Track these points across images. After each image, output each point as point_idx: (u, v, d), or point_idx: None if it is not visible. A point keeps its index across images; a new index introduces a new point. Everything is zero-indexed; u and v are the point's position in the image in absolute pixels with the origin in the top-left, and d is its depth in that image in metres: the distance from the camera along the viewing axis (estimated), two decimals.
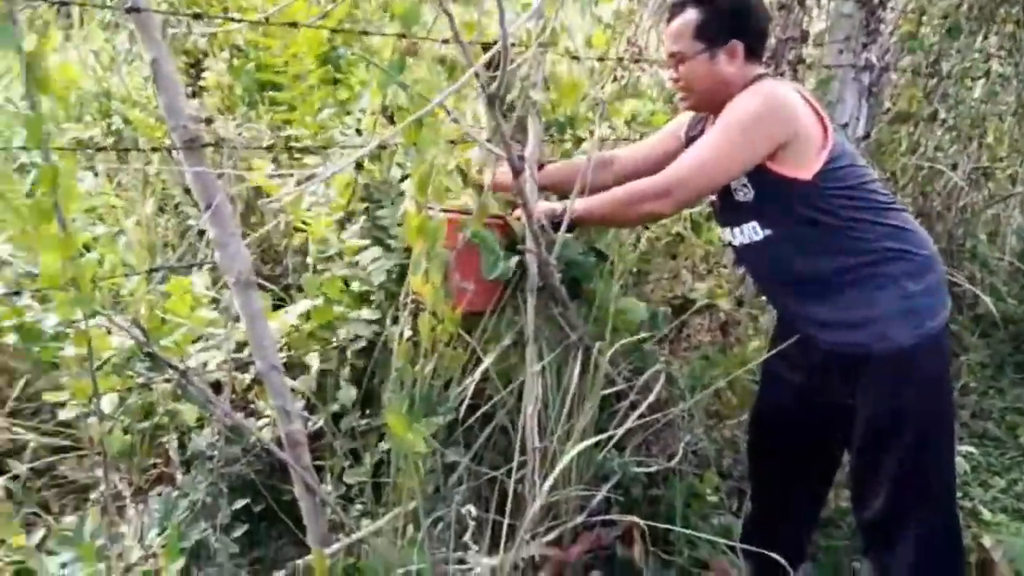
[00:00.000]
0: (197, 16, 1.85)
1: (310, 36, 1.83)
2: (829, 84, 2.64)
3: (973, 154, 3.54)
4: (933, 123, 3.32)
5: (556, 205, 1.72)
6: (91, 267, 1.12)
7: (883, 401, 1.73)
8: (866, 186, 1.68)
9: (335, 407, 2.00)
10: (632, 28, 2.66)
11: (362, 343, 1.98)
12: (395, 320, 1.92)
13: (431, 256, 1.61)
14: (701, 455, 2.26)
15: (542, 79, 1.69)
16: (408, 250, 1.96)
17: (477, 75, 1.25)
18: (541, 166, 1.80)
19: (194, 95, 3.06)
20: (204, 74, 3.05)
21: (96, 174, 2.59)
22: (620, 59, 2.34)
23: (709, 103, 1.75)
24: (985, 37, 3.43)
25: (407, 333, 1.68)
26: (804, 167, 1.62)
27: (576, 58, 2.03)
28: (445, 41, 1.62)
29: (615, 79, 2.60)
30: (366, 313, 1.96)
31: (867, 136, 2.84)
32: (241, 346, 1.79)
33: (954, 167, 3.44)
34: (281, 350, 1.77)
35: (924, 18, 3.10)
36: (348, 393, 1.99)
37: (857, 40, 2.63)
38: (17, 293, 1.35)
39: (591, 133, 2.48)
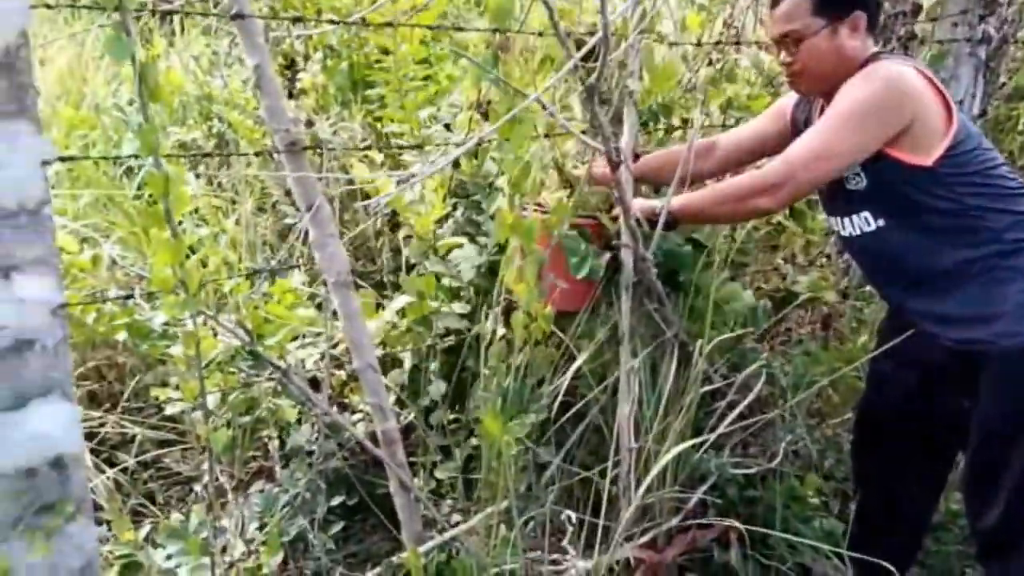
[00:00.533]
0: (297, 20, 1.88)
1: (406, 34, 1.83)
2: (943, 60, 2.48)
3: None
4: None
5: (655, 202, 1.67)
6: (199, 272, 1.14)
7: (1005, 403, 1.61)
8: (993, 171, 1.55)
9: (425, 402, 2.01)
10: (728, 9, 2.56)
11: (452, 339, 1.99)
12: (486, 316, 1.92)
13: (525, 254, 1.59)
14: (802, 455, 2.17)
15: (638, 67, 1.64)
16: (501, 246, 1.96)
17: (576, 67, 1.21)
18: (636, 157, 1.75)
19: (290, 96, 3.15)
20: (299, 75, 3.13)
21: (198, 176, 2.68)
22: (717, 43, 2.25)
23: (829, 84, 1.63)
24: None
25: (500, 331, 1.67)
26: (925, 153, 1.52)
27: (673, 44, 1.96)
28: (539, 34, 1.59)
29: (710, 63, 2.51)
30: (457, 308, 1.96)
31: (983, 114, 2.66)
32: (337, 344, 1.82)
33: None
34: (376, 347, 1.79)
35: None
36: (438, 388, 1.99)
37: (974, 12, 2.45)
38: (129, 296, 1.40)
39: (684, 121, 2.41)
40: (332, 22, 1.76)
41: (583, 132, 1.62)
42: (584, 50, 1.20)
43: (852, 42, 1.58)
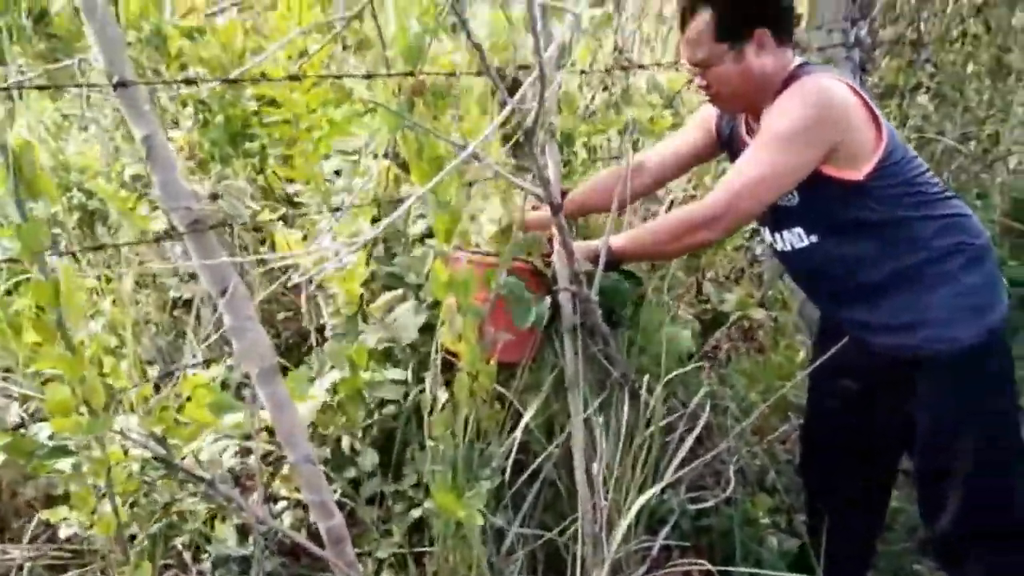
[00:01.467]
0: (188, 82, 1.66)
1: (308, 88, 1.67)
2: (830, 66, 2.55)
3: (958, 119, 3.49)
4: (917, 92, 3.27)
5: (595, 243, 1.59)
6: (101, 389, 0.95)
7: (946, 403, 1.63)
8: (918, 179, 1.57)
9: (352, 473, 1.85)
10: (616, 35, 2.54)
11: (390, 408, 1.84)
12: (421, 379, 1.78)
13: (463, 310, 1.47)
14: (748, 476, 2.15)
15: (556, 102, 1.56)
16: (435, 303, 1.83)
17: (509, 107, 1.11)
18: (563, 194, 1.67)
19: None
20: (168, 134, 2.88)
21: (62, 254, 2.38)
22: (607, 69, 2.21)
23: (749, 101, 1.62)
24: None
25: (441, 397, 1.54)
26: (856, 168, 1.51)
27: (584, 72, 1.90)
28: (451, 74, 1.47)
29: (605, 88, 2.48)
30: (392, 373, 1.81)
31: None
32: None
33: (941, 134, 3.40)
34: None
35: None
36: (370, 458, 1.83)
37: (848, 18, 2.54)
38: (20, 427, 1.18)
39: (589, 149, 2.36)
40: (225, 80, 1.58)
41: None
42: (522, 90, 1.10)
43: (762, 60, 1.56)
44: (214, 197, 1.32)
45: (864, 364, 1.72)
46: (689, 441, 1.68)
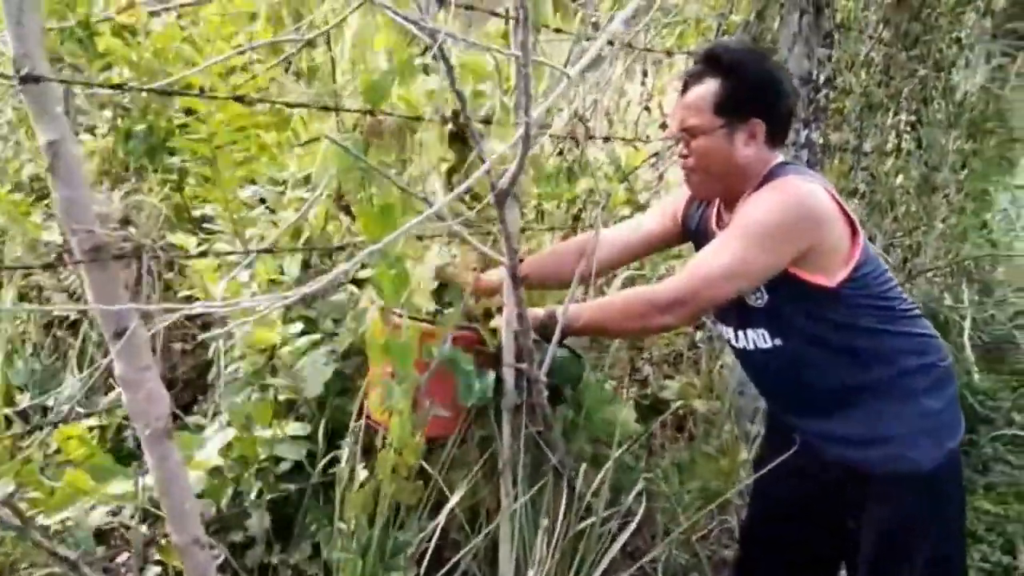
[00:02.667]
0: (117, 87, 1.47)
1: (235, 110, 1.50)
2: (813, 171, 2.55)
3: (888, 227, 3.58)
4: (854, 198, 3.33)
5: (541, 311, 1.46)
6: None
7: (897, 523, 1.56)
8: (889, 292, 1.51)
9: (239, 537, 1.63)
10: (577, 101, 2.47)
11: (287, 465, 1.64)
12: (326, 434, 1.61)
13: (400, 379, 1.31)
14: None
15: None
16: (348, 353, 1.65)
17: (485, 166, 0.98)
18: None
19: None
20: (80, 137, 2.61)
21: None
22: (572, 136, 2.13)
23: (718, 188, 1.55)
24: (895, 113, 3.51)
25: (360, 474, 1.36)
26: (829, 274, 1.44)
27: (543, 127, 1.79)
28: (415, 119, 1.33)
29: (560, 153, 2.39)
30: (294, 428, 1.61)
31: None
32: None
33: (871, 239, 3.47)
34: None
35: (847, 96, 3.11)
36: (261, 522, 1.62)
37: (802, 119, 2.55)
38: None
39: (539, 213, 2.26)
40: (150, 90, 1.39)
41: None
42: (503, 150, 0.97)
43: (746, 150, 1.50)
44: (125, 222, 1.12)
45: (814, 472, 1.64)
46: (622, 539, 1.55)
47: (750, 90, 1.49)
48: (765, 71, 1.53)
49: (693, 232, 1.69)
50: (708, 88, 1.48)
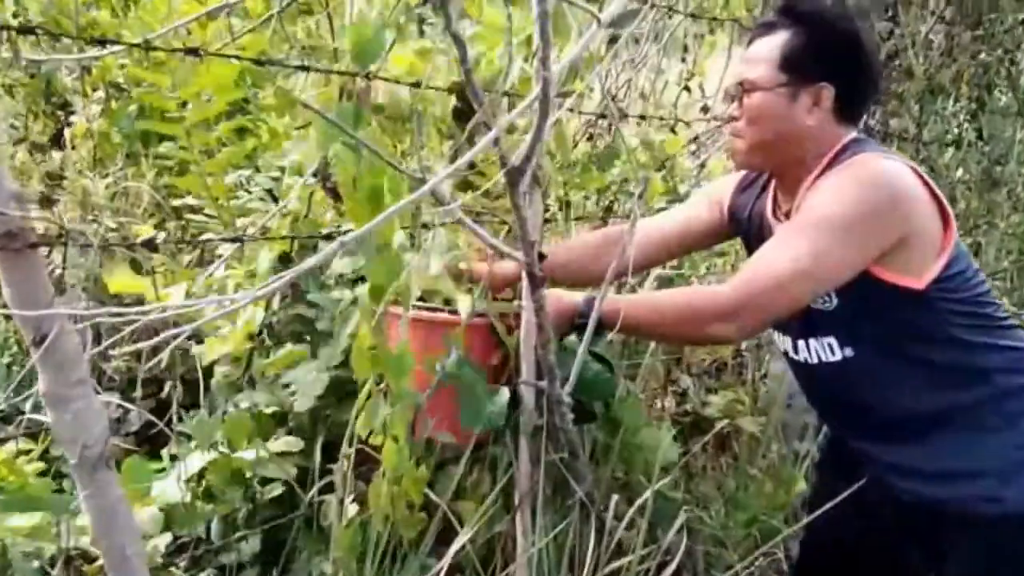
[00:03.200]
0: (56, 36, 1.27)
1: (217, 73, 1.30)
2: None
3: None
4: None
5: (572, 298, 1.24)
6: None
7: (985, 575, 1.31)
8: (984, 298, 1.25)
9: (229, 559, 1.44)
10: (608, 77, 2.23)
11: (277, 487, 1.44)
12: (323, 450, 1.41)
13: (395, 397, 1.09)
14: None
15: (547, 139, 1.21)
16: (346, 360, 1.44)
17: (492, 133, 0.75)
18: (540, 257, 1.30)
19: (57, 144, 2.44)
20: (72, 119, 2.45)
21: None
22: (603, 115, 1.89)
23: (770, 160, 1.31)
24: (956, 100, 3.22)
25: (350, 509, 1.14)
26: (916, 273, 1.18)
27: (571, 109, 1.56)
28: (414, 84, 1.11)
29: (590, 137, 2.16)
30: (283, 443, 1.41)
31: None
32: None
33: None
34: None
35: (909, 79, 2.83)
36: (250, 545, 1.43)
37: None
38: None
39: (564, 204, 2.03)
40: (109, 41, 1.19)
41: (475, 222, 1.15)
42: (515, 113, 0.74)
43: (809, 119, 1.26)
44: (46, 202, 0.91)
45: (882, 511, 1.39)
46: None
47: (823, 48, 1.24)
48: (846, 31, 1.27)
49: (744, 224, 1.45)
50: (776, 39, 1.25)
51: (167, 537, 1.37)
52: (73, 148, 2.22)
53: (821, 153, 1.26)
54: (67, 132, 2.24)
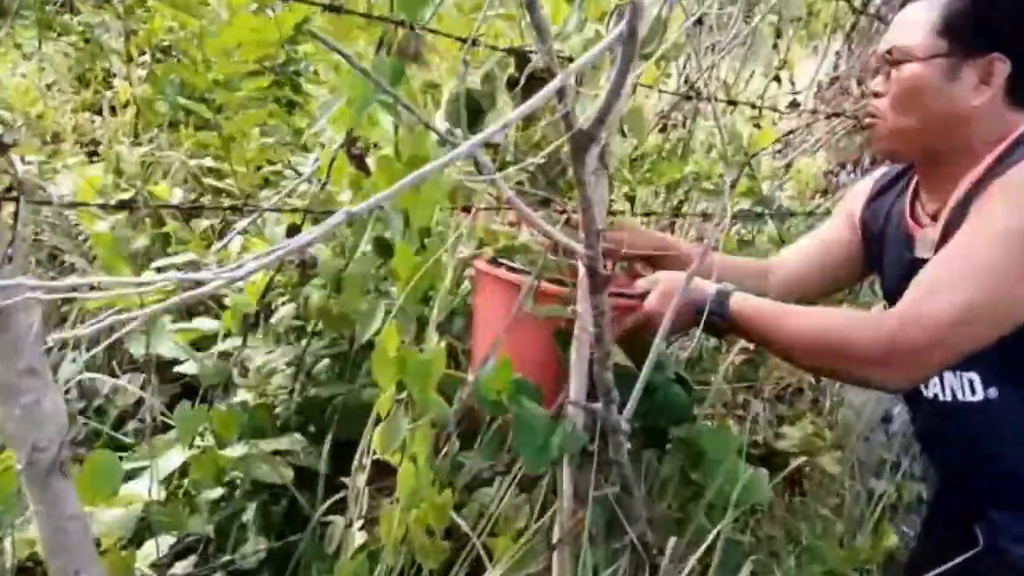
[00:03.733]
0: None
1: (244, 21, 1.14)
2: None
3: None
4: None
5: (700, 286, 1.03)
6: None
7: None
8: None
9: (232, 556, 1.29)
10: (687, 61, 2.02)
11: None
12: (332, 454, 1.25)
13: (420, 409, 0.91)
14: None
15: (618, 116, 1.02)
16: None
17: (552, 86, 0.56)
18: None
19: (100, 112, 2.35)
20: (115, 83, 2.35)
21: None
22: (688, 96, 1.68)
23: (916, 147, 1.08)
24: None
25: (357, 537, 0.97)
26: None
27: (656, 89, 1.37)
28: (473, 42, 0.93)
29: (663, 129, 1.95)
30: (284, 442, 1.25)
31: None
32: None
33: None
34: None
35: None
36: (253, 544, 1.28)
37: None
38: None
39: (629, 199, 1.83)
40: None
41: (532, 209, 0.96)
42: (571, 70, 0.55)
43: (973, 99, 1.02)
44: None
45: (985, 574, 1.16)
46: None
47: (997, 11, 1.01)
48: None
49: (875, 234, 1.21)
50: (936, 1, 1.02)
51: (168, 540, 1.25)
52: (114, 115, 2.11)
53: (989, 144, 1.03)
54: (108, 96, 2.13)
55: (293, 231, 0.94)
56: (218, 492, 1.23)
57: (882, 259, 1.21)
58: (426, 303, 1.00)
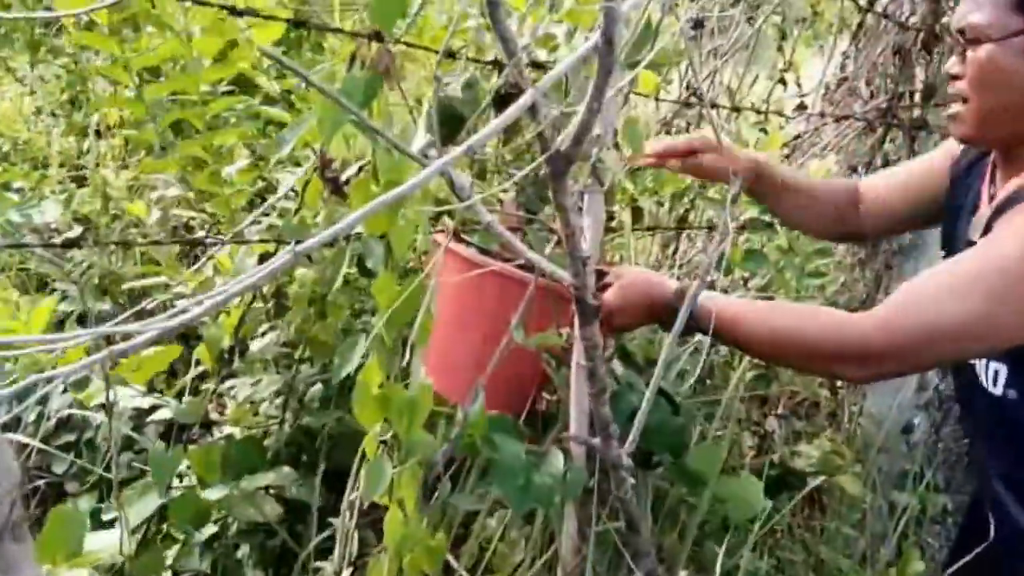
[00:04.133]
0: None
1: (213, 43, 1.09)
2: None
3: None
4: None
5: (663, 284, 0.99)
6: None
7: None
8: None
9: None
10: (687, 69, 1.95)
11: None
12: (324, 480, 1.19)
13: (408, 448, 0.85)
14: None
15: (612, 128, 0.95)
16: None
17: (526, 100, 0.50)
18: (600, 276, 1.04)
19: (97, 134, 2.31)
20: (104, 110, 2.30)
21: None
22: (689, 103, 1.61)
23: (998, 133, 1.01)
24: None
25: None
26: None
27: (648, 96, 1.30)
28: (452, 55, 0.87)
29: (667, 130, 1.89)
30: (271, 477, 1.20)
31: None
32: None
33: None
34: None
35: None
36: None
37: None
38: None
39: (635, 210, 1.76)
40: None
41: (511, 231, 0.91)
42: (568, 63, 0.49)
43: None
44: None
45: None
46: None
47: None
48: None
49: (951, 203, 1.15)
50: None
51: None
52: (100, 138, 2.07)
53: None
54: (95, 119, 2.08)
55: (265, 260, 0.88)
56: (211, 530, 1.18)
57: (952, 225, 1.15)
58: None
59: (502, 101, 0.96)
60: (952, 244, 1.14)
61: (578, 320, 0.72)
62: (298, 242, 0.90)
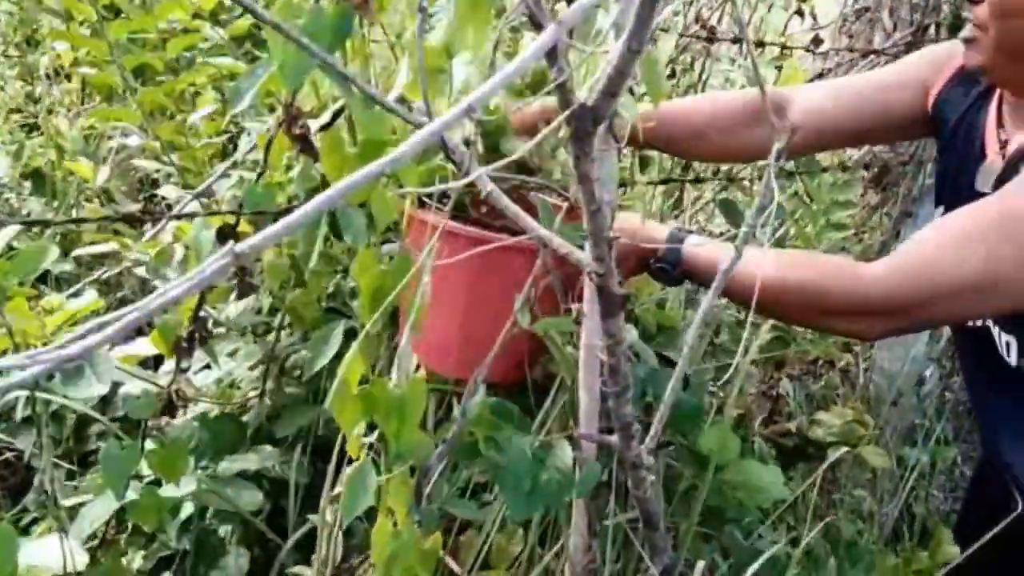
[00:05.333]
0: None
1: None
2: None
3: None
4: None
5: (646, 227, 0.92)
6: None
7: None
8: None
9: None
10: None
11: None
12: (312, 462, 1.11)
13: (396, 452, 0.73)
14: None
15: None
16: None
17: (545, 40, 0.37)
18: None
19: (48, 78, 2.12)
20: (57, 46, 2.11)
21: None
22: (697, 36, 1.46)
23: (1016, 74, 0.90)
24: None
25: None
26: None
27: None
28: None
29: (672, 75, 1.74)
30: (251, 459, 1.10)
31: None
32: None
33: None
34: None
35: None
36: (236, 561, 1.15)
37: None
38: None
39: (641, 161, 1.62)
40: None
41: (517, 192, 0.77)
42: (571, 12, 0.36)
43: None
44: None
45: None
46: None
47: None
48: None
49: (947, 131, 1.04)
50: None
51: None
52: (55, 81, 1.89)
53: None
54: (45, 61, 1.90)
55: (225, 234, 0.74)
56: (188, 511, 1.10)
57: (947, 166, 1.05)
58: (394, 320, 0.81)
59: None
60: (952, 187, 1.03)
61: (600, 310, 0.60)
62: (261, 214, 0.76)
